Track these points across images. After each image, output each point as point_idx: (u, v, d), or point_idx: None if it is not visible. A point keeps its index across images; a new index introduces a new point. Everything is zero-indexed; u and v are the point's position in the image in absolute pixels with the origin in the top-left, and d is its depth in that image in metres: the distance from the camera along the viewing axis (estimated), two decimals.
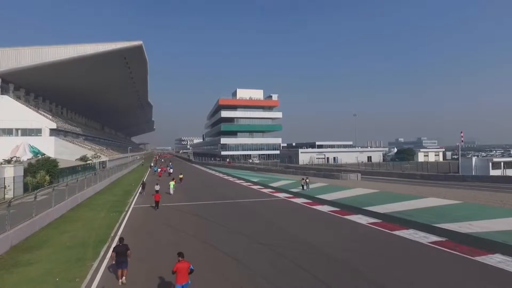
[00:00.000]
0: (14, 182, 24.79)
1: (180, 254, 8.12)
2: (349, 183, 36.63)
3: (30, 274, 9.39)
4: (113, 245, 11.40)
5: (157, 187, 24.12)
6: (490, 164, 42.43)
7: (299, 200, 23.44)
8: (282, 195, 26.62)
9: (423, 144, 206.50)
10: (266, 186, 32.67)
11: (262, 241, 12.64)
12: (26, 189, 27.15)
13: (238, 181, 39.50)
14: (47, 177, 29.61)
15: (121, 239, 9.69)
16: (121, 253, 8.93)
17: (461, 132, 50.32)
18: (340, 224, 15.78)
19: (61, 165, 37.75)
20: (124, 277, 8.88)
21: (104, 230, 14.81)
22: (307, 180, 28.77)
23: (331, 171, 45.70)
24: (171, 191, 28.02)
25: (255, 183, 36.11)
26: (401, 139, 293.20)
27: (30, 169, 29.90)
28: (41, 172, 29.63)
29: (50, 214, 16.35)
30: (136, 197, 25.95)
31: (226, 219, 17.19)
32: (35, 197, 14.94)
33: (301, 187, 28.53)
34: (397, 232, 13.63)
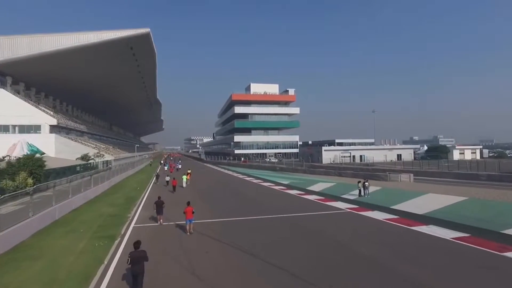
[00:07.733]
0: None
1: (188, 203, 13.40)
2: (404, 185, 29.21)
3: None
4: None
5: (167, 178, 29.96)
6: None
7: (375, 215, 15.99)
8: (339, 204, 19.34)
9: (440, 143, 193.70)
10: (306, 191, 25.54)
11: None
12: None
13: (264, 184, 32.44)
14: (30, 180, 23.31)
15: (159, 197, 15.55)
16: (159, 205, 14.79)
17: None
18: (500, 269, 8.50)
19: (57, 164, 31.59)
20: (161, 220, 14.79)
21: (73, 283, 8.00)
22: (366, 183, 21.61)
23: (373, 171, 38.27)
24: (184, 185, 28.70)
25: (288, 187, 29.00)
26: (416, 137, 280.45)
27: (9, 170, 23.66)
28: (22, 173, 23.36)
29: None
30: (140, 208, 19.26)
31: (280, 254, 10.17)
32: None
33: (357, 193, 21.64)
34: None
